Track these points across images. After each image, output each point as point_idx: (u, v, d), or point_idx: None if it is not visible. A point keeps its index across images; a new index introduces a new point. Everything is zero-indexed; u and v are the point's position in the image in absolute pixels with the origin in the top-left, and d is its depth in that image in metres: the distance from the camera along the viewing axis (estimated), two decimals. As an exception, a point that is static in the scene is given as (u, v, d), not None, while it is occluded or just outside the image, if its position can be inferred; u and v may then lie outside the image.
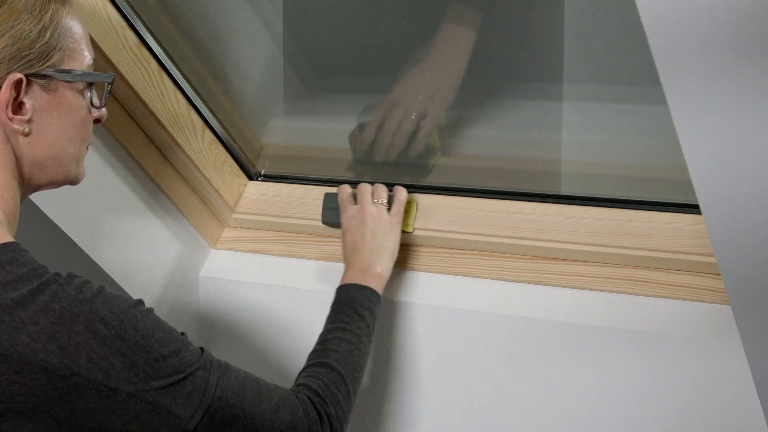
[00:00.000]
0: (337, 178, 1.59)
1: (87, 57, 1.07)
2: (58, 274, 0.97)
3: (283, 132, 1.74)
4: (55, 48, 1.03)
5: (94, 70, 1.09)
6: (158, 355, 0.96)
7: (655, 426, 1.30)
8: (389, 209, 1.39)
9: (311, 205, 1.55)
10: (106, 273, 1.40)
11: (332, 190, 1.48)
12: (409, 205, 1.44)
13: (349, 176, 1.62)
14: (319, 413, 1.09)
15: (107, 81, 1.11)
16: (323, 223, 1.49)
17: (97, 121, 1.12)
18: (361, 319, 1.24)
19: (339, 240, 1.46)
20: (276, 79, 1.72)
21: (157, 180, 1.48)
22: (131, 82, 1.35)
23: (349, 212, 1.39)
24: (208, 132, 1.52)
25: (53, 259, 1.39)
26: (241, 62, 1.69)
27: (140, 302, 0.99)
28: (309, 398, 1.10)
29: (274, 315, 1.56)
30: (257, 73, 1.71)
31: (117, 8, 1.33)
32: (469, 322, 1.41)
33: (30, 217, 1.30)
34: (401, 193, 1.42)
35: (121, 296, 0.98)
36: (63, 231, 1.32)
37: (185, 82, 1.46)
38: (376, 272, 1.31)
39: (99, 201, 1.39)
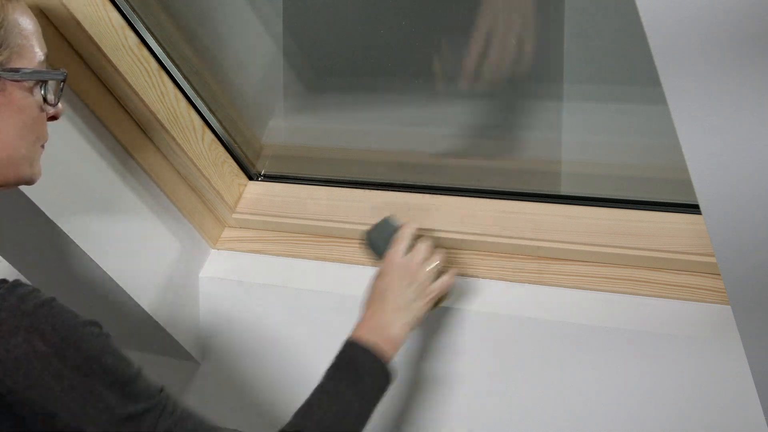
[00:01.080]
0: (337, 178, 1.59)
1: (38, 53, 1.02)
2: (5, 281, 0.92)
3: (283, 132, 1.74)
4: (1, 46, 0.97)
5: (47, 66, 1.04)
6: (101, 383, 0.90)
7: (655, 426, 1.30)
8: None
9: (311, 205, 1.55)
10: (107, 273, 1.40)
11: (394, 218, 1.37)
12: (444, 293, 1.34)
13: (351, 177, 1.62)
14: None
15: (59, 78, 1.05)
16: (365, 239, 1.37)
17: (52, 118, 1.06)
18: (359, 384, 1.12)
19: (339, 240, 1.46)
20: (276, 79, 1.72)
21: (157, 180, 1.48)
22: (131, 82, 1.34)
23: (398, 254, 1.27)
24: (208, 132, 1.52)
25: (53, 258, 1.40)
26: (241, 62, 1.69)
27: (93, 323, 0.93)
28: None
29: (274, 315, 1.56)
30: (257, 73, 1.71)
31: (117, 8, 1.33)
32: (468, 322, 1.41)
33: (28, 217, 1.30)
34: (451, 277, 1.31)
35: (72, 312, 0.92)
36: (63, 231, 1.32)
37: (185, 82, 1.46)
38: (393, 333, 1.19)
39: (99, 201, 1.39)
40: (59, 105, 1.06)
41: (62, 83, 1.06)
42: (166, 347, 1.58)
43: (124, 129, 1.41)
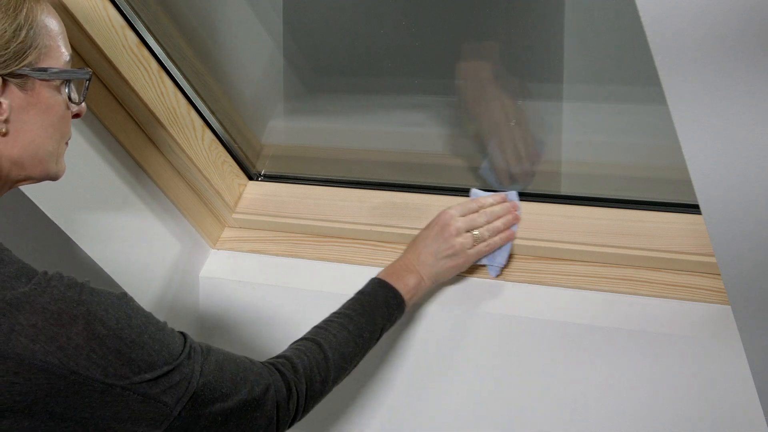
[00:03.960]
0: (337, 178, 1.59)
1: (64, 54, 1.06)
2: (46, 273, 0.98)
3: (283, 132, 1.74)
4: (30, 47, 1.01)
5: (71, 66, 1.08)
6: (151, 350, 0.99)
7: (655, 426, 1.30)
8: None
9: (311, 205, 1.55)
10: (107, 273, 1.40)
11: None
12: None
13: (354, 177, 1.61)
14: (289, 389, 1.13)
15: (85, 78, 1.09)
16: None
17: (75, 116, 1.10)
18: (371, 316, 1.26)
19: (339, 240, 1.47)
20: (276, 79, 1.72)
21: (157, 180, 1.48)
22: (131, 82, 1.34)
23: (448, 213, 1.35)
24: (208, 132, 1.52)
25: (53, 258, 1.40)
26: (241, 62, 1.69)
27: (125, 295, 1.01)
28: (285, 374, 1.13)
29: (274, 315, 1.55)
30: (257, 73, 1.71)
31: (117, 8, 1.33)
32: (469, 322, 1.41)
33: (28, 216, 1.30)
34: (487, 247, 1.37)
35: (108, 291, 1.00)
36: (63, 231, 1.32)
37: (185, 82, 1.46)
38: (407, 283, 1.31)
39: (99, 201, 1.39)
40: (83, 103, 1.10)
41: (87, 82, 1.10)
42: (166, 347, 1.58)
43: (124, 129, 1.41)
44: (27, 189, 1.25)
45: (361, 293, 1.30)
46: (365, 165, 1.67)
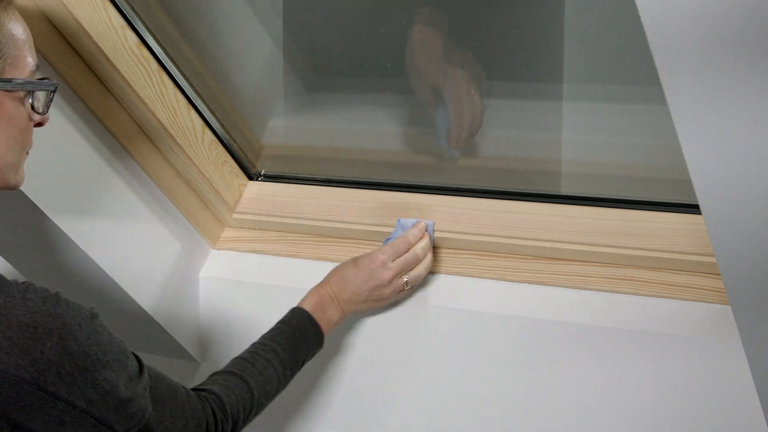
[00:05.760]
0: (337, 178, 1.59)
1: (30, 63, 1.02)
2: (18, 283, 0.95)
3: (283, 132, 1.74)
4: None
5: (36, 75, 1.04)
6: (112, 371, 0.97)
7: (655, 426, 1.30)
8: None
9: (311, 205, 1.55)
10: (107, 273, 1.40)
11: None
12: None
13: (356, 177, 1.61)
14: (216, 428, 1.14)
15: (49, 90, 1.05)
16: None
17: (38, 124, 1.07)
18: (295, 353, 1.28)
19: (338, 241, 1.46)
20: (276, 79, 1.72)
21: (157, 180, 1.48)
22: (131, 82, 1.34)
23: (381, 257, 1.37)
24: (208, 132, 1.52)
25: (53, 258, 1.40)
26: (241, 62, 1.69)
27: (93, 309, 0.99)
28: (215, 412, 1.14)
29: (274, 315, 1.55)
30: (257, 73, 1.71)
31: (117, 8, 1.33)
32: (469, 322, 1.41)
33: (29, 217, 1.30)
34: (402, 295, 1.42)
35: (80, 305, 0.98)
36: (63, 231, 1.32)
37: (185, 82, 1.46)
38: (330, 318, 1.35)
39: (99, 201, 1.39)
40: (47, 113, 1.07)
41: (52, 93, 1.06)
42: (166, 347, 1.58)
43: (124, 129, 1.41)
44: (27, 189, 1.25)
45: (287, 324, 1.31)
46: (365, 165, 1.67)
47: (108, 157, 1.40)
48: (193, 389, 1.16)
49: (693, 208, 1.29)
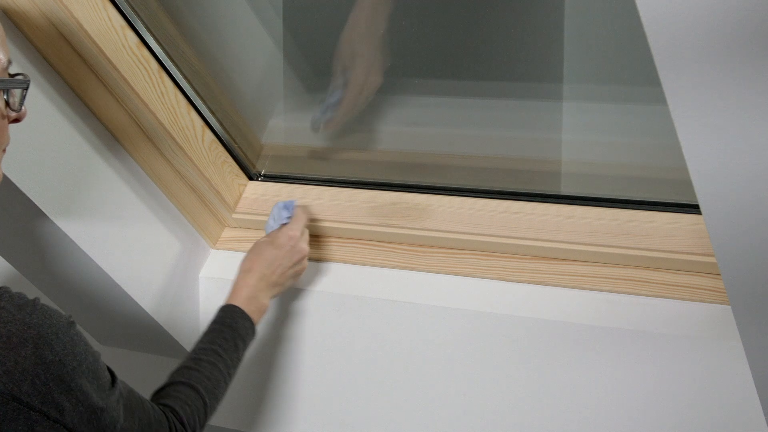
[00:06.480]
0: (337, 178, 1.59)
1: (1, 60, 1.00)
2: None
3: (283, 132, 1.74)
4: None
5: (10, 71, 1.02)
6: (87, 384, 0.96)
7: (655, 426, 1.30)
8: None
9: (311, 205, 1.55)
10: (107, 273, 1.40)
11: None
12: None
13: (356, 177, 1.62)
14: None
15: (22, 87, 1.02)
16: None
17: (15, 120, 1.04)
18: (236, 350, 1.30)
19: (339, 240, 1.46)
20: (276, 79, 1.72)
21: (157, 180, 1.48)
22: (131, 82, 1.34)
23: (286, 236, 1.42)
24: (208, 132, 1.52)
25: (53, 258, 1.40)
26: (241, 62, 1.69)
27: (71, 317, 0.98)
28: (175, 426, 1.15)
29: (273, 314, 1.55)
30: (257, 73, 1.71)
31: (117, 8, 1.33)
32: (469, 322, 1.41)
33: (29, 217, 1.30)
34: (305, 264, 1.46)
35: (59, 313, 0.96)
36: (63, 231, 1.32)
37: (185, 82, 1.46)
38: (263, 304, 1.37)
39: (99, 202, 1.39)
40: (23, 108, 1.04)
41: (25, 91, 1.03)
42: (166, 347, 1.58)
43: (124, 129, 1.41)
44: (27, 189, 1.25)
45: (222, 324, 1.31)
46: (365, 165, 1.67)
47: (108, 157, 1.40)
48: (157, 406, 1.16)
49: (693, 208, 1.29)
